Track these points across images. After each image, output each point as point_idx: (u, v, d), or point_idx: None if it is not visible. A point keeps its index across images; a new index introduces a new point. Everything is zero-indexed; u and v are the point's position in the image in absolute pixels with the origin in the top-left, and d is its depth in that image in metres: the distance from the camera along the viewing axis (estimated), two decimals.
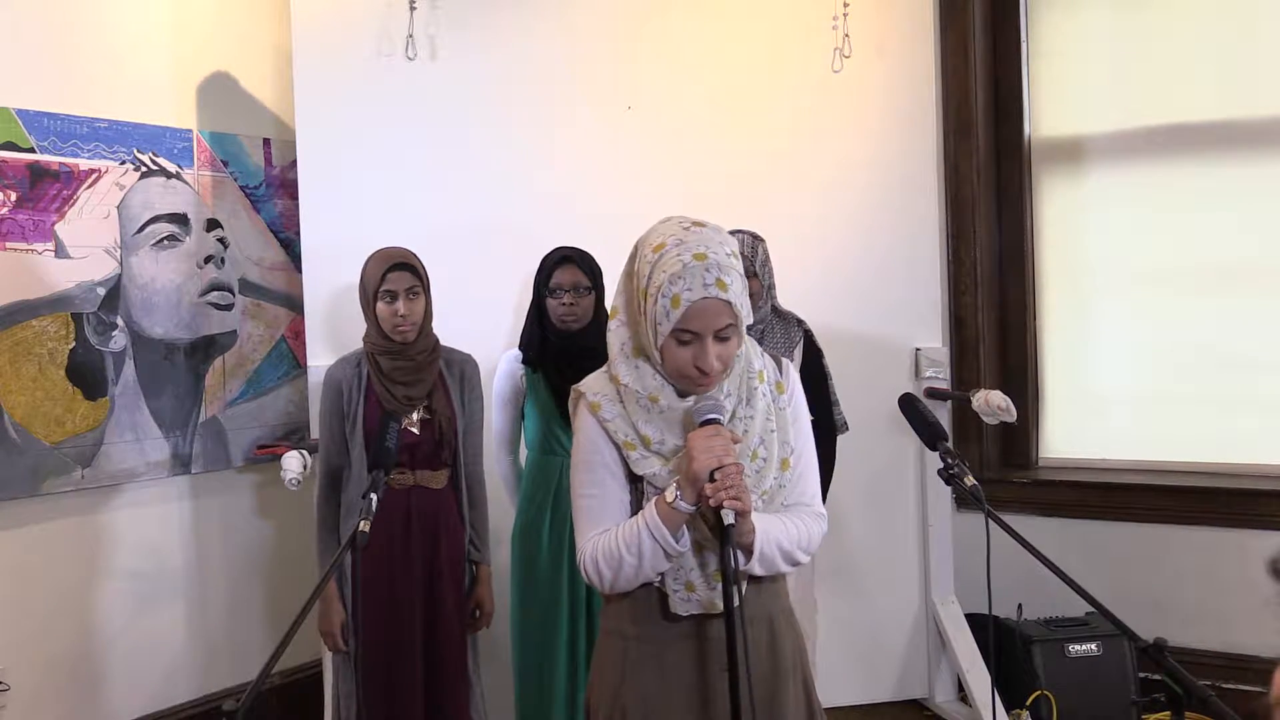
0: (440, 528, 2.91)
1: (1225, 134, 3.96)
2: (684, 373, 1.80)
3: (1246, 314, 3.94)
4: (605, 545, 1.83)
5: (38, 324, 3.18)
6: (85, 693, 3.33)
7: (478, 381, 3.03)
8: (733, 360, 1.83)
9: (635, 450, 1.84)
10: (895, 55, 3.86)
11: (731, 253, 1.81)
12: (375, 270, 2.86)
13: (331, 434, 2.91)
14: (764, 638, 1.92)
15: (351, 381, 2.89)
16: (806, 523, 1.91)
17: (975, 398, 3.53)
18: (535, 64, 3.64)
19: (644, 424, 1.84)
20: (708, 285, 1.74)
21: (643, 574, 1.83)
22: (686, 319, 1.75)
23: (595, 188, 3.63)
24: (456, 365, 2.99)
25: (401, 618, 2.86)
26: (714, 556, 1.80)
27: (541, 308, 3.15)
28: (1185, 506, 3.89)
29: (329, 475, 2.93)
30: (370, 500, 2.18)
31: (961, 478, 2.19)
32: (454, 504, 2.96)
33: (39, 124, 3.19)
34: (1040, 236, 4.30)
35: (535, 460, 3.19)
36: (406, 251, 2.91)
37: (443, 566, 2.91)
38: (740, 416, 1.85)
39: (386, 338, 2.86)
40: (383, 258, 2.87)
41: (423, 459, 2.88)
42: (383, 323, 2.85)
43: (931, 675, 3.92)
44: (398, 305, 2.83)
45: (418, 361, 2.88)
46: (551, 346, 3.13)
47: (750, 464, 1.84)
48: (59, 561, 3.27)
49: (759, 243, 3.10)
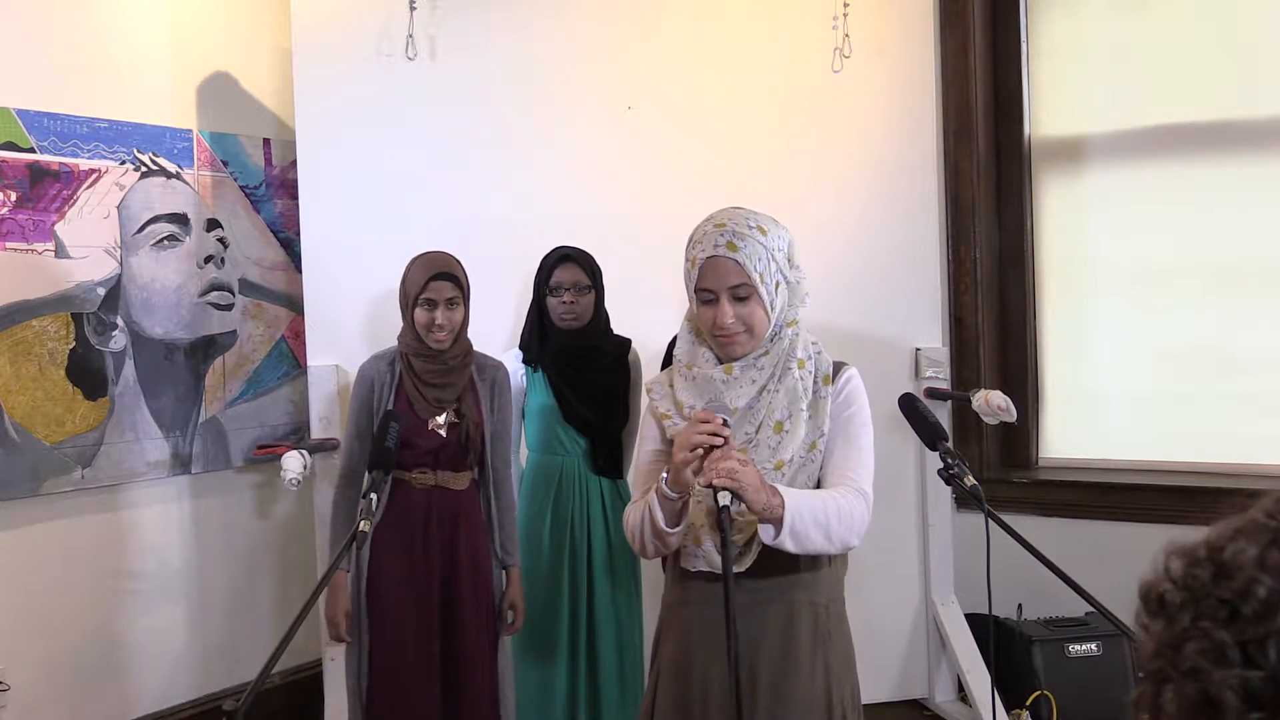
0: (459, 529, 2.90)
1: (1225, 134, 3.96)
2: (711, 332, 1.99)
3: (1246, 314, 3.94)
4: (629, 514, 2.02)
5: (38, 324, 3.18)
6: (85, 693, 3.33)
7: (509, 389, 3.03)
8: (759, 325, 1.97)
9: (670, 419, 2.03)
10: (895, 55, 3.86)
11: (757, 227, 1.95)
12: (419, 276, 2.84)
13: (359, 429, 2.90)
14: (779, 620, 1.96)
15: (384, 379, 2.89)
16: (845, 497, 1.94)
17: (975, 398, 3.53)
18: (535, 64, 3.64)
19: (681, 391, 2.03)
20: (718, 245, 1.94)
21: (651, 546, 1.96)
22: (702, 276, 1.96)
23: (595, 188, 3.63)
24: (489, 372, 3.00)
25: (418, 617, 2.85)
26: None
27: (541, 307, 3.15)
28: (1185, 506, 3.88)
29: (350, 472, 2.93)
30: (370, 500, 2.18)
31: (961, 478, 2.19)
32: (476, 506, 2.96)
33: (39, 124, 3.19)
34: (1040, 236, 4.30)
35: (536, 459, 3.20)
36: (451, 259, 2.90)
37: (462, 567, 2.90)
38: (769, 389, 1.98)
39: (421, 341, 2.86)
40: (427, 264, 2.85)
41: (447, 460, 2.88)
42: (419, 328, 2.85)
43: (931, 675, 3.92)
44: (436, 314, 2.82)
45: (450, 366, 2.89)
46: (551, 345, 3.13)
47: (773, 434, 1.96)
48: (59, 561, 3.27)
49: None
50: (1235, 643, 0.69)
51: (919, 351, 3.86)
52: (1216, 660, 0.69)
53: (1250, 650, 0.68)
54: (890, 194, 3.85)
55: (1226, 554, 0.72)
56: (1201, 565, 0.73)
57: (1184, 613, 0.72)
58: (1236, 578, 0.70)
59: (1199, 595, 0.72)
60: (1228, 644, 0.69)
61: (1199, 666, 0.69)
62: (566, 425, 3.14)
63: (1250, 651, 0.68)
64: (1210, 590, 0.71)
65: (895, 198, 3.86)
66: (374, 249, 3.43)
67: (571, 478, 3.15)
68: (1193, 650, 0.70)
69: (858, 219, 3.84)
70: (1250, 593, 0.69)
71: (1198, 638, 0.70)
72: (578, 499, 3.15)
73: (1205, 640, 0.70)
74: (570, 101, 3.67)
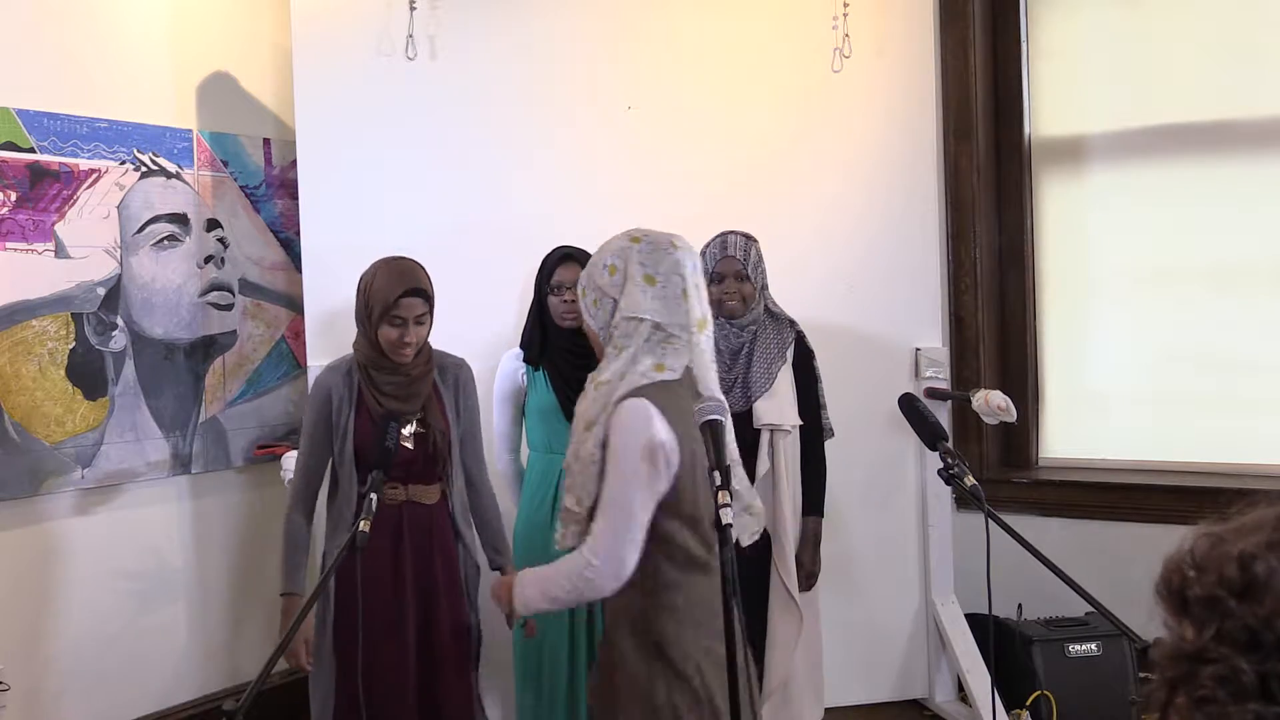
0: (434, 545, 2.75)
1: (1225, 134, 3.96)
2: None
3: (1246, 314, 3.94)
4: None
5: (38, 324, 3.18)
6: (85, 693, 3.33)
7: (473, 387, 2.89)
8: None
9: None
10: (895, 55, 3.86)
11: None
12: (388, 291, 2.64)
13: (315, 445, 2.72)
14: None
15: (342, 391, 2.71)
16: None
17: (975, 398, 3.53)
18: (535, 64, 3.64)
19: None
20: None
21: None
22: None
23: (595, 188, 3.62)
24: (451, 372, 2.83)
25: (394, 640, 2.69)
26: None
27: (543, 306, 3.15)
28: (1185, 506, 3.88)
29: (306, 489, 2.75)
30: (370, 500, 2.14)
31: (961, 478, 2.19)
32: (446, 519, 2.80)
33: (39, 124, 3.19)
34: (1040, 236, 4.30)
35: (537, 459, 3.19)
36: (419, 270, 2.72)
37: (438, 586, 2.75)
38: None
39: (382, 354, 2.69)
40: (397, 277, 2.67)
41: (417, 474, 2.72)
42: (386, 344, 2.67)
43: (931, 675, 3.92)
44: (406, 333, 2.65)
45: (413, 376, 2.72)
46: (552, 344, 3.13)
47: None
48: (59, 561, 3.27)
49: (751, 244, 3.10)
50: (1254, 673, 0.67)
51: (919, 351, 3.86)
52: (1234, 693, 0.67)
53: (1270, 684, 0.66)
54: (890, 194, 3.85)
55: (1259, 569, 0.70)
56: (1229, 568, 0.71)
57: (1207, 624, 0.70)
58: (1265, 603, 0.68)
59: (1224, 611, 0.69)
60: (1246, 673, 0.67)
61: (1214, 696, 0.67)
62: (568, 423, 3.13)
63: (1270, 685, 0.66)
64: (1235, 610, 0.69)
65: (895, 198, 3.85)
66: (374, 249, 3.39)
67: None
68: (1210, 676, 0.68)
69: (857, 219, 3.84)
70: (1276, 623, 0.68)
71: (1217, 662, 0.68)
72: None
73: (1224, 666, 0.67)
74: (570, 101, 3.67)
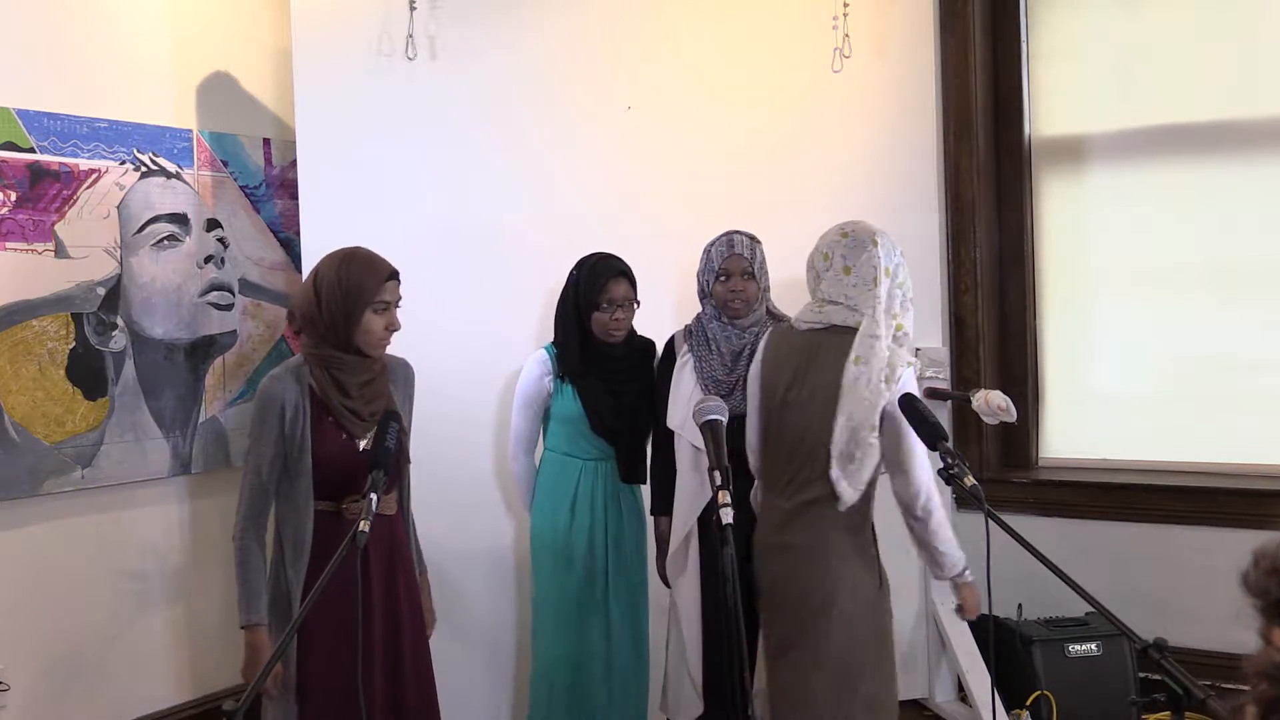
0: (397, 560, 2.59)
1: (1225, 134, 3.96)
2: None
3: (1247, 314, 3.94)
4: None
5: (38, 324, 3.18)
6: (85, 693, 3.33)
7: (413, 382, 2.70)
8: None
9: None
10: (895, 56, 3.86)
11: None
12: (373, 277, 2.50)
13: (268, 462, 2.49)
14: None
15: (296, 400, 2.48)
16: None
17: (975, 398, 3.53)
18: (535, 64, 3.64)
19: None
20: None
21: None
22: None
23: (595, 188, 3.62)
24: (399, 372, 2.66)
25: (361, 661, 2.31)
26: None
27: (582, 319, 3.10)
28: (1185, 506, 3.89)
29: (257, 511, 2.53)
30: (370, 500, 2.10)
31: (961, 478, 2.19)
32: (404, 533, 2.66)
33: (39, 124, 3.19)
34: (1040, 236, 4.30)
35: (553, 459, 3.18)
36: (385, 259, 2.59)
37: (402, 607, 2.58)
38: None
39: (355, 351, 2.51)
40: (377, 263, 2.53)
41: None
42: (369, 334, 2.49)
43: (931, 675, 3.92)
44: (391, 317, 2.52)
45: (375, 373, 2.56)
46: (590, 359, 3.10)
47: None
48: (59, 561, 3.26)
49: (756, 244, 3.10)
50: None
51: (919, 351, 3.85)
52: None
53: None
54: (890, 194, 3.85)
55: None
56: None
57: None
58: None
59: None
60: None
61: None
62: (593, 435, 3.13)
63: None
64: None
65: (895, 198, 3.85)
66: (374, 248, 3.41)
67: (591, 479, 3.14)
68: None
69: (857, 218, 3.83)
70: None
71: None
72: (597, 500, 3.13)
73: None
74: (570, 101, 3.66)
